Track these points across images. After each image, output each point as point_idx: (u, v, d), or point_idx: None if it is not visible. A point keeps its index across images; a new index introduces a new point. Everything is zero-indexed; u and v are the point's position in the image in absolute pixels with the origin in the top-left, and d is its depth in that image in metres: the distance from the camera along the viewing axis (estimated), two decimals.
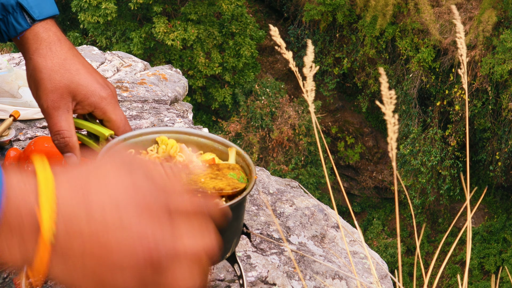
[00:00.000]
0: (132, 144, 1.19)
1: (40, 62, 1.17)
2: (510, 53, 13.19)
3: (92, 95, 1.18)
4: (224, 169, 1.16)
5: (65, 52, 1.19)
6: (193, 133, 1.23)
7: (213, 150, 1.22)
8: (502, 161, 14.38)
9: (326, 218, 1.60)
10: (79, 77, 1.18)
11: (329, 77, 16.23)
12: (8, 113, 1.83)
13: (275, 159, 14.69)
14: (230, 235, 1.11)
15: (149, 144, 1.20)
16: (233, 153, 1.20)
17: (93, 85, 1.19)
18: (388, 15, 14.43)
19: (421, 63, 14.38)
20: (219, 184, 1.11)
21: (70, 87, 1.17)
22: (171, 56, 14.83)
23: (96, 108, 1.19)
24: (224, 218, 0.69)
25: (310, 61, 1.07)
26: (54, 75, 1.17)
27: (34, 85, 1.18)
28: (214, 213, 0.67)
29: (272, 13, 17.86)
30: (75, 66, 1.19)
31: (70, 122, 1.18)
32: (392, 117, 0.81)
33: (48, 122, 1.17)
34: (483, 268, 14.08)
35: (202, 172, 1.14)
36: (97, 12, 13.77)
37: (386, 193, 16.15)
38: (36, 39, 1.19)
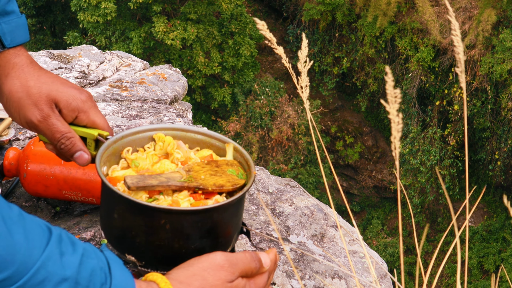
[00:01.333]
0: (129, 141, 1.19)
1: (15, 83, 1.19)
2: (509, 52, 13.19)
3: (74, 99, 1.20)
4: (223, 165, 1.16)
5: (37, 70, 1.22)
6: (189, 130, 1.23)
7: (210, 146, 1.23)
8: (502, 161, 14.38)
9: (326, 217, 1.60)
10: (57, 86, 1.20)
11: (329, 77, 16.22)
12: None
13: (274, 159, 14.69)
14: (230, 231, 1.11)
15: (146, 141, 1.21)
16: (231, 149, 1.20)
17: (72, 91, 1.21)
18: (389, 14, 14.43)
19: (421, 63, 14.37)
20: (219, 180, 1.11)
21: (50, 95, 1.19)
22: (170, 55, 14.82)
23: (80, 112, 1.20)
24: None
25: (304, 56, 1.07)
26: (32, 90, 1.18)
27: (15, 107, 1.19)
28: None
29: (271, 13, 17.85)
30: (50, 79, 1.21)
31: (66, 125, 1.19)
32: (396, 116, 0.81)
33: (46, 132, 1.18)
34: (483, 267, 14.08)
35: (201, 168, 1.14)
36: (97, 12, 13.76)
37: (386, 193, 16.15)
38: (8, 64, 1.20)
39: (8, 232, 0.87)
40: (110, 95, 2.20)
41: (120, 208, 1.06)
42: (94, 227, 1.45)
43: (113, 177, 1.13)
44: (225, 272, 1.03)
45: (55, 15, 16.70)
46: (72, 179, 1.42)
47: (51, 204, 1.54)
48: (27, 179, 1.43)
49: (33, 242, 0.89)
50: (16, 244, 0.87)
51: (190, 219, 1.05)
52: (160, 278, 0.99)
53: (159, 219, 1.03)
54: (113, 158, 1.17)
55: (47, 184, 1.43)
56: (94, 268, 0.94)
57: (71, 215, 1.51)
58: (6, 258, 0.86)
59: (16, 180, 1.58)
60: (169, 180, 1.10)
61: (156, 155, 1.19)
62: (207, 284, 1.01)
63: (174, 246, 1.05)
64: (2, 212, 0.88)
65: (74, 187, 1.42)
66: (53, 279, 0.89)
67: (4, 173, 1.50)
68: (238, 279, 1.04)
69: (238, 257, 1.05)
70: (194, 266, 1.02)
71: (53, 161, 1.43)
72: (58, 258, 0.91)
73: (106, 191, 1.10)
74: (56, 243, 0.92)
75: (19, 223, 0.90)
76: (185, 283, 1.00)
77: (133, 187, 1.07)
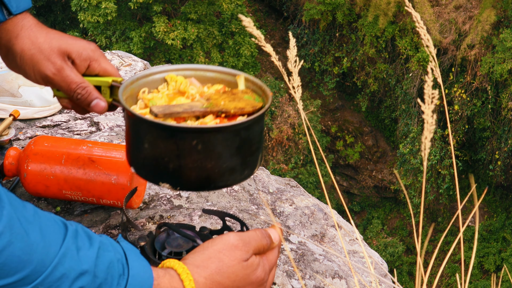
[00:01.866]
0: (143, 83, 1.22)
1: (26, 42, 1.22)
2: (509, 52, 13.18)
3: (84, 49, 1.23)
4: (238, 93, 1.19)
5: (45, 28, 1.25)
6: (199, 68, 1.25)
7: (221, 81, 1.24)
8: (502, 160, 14.38)
9: (326, 217, 1.60)
10: (66, 40, 1.23)
11: (329, 76, 16.22)
12: (8, 112, 1.83)
13: (274, 158, 14.69)
14: (256, 149, 1.14)
15: (159, 83, 1.24)
16: (242, 80, 1.22)
17: (80, 42, 1.24)
18: (389, 14, 14.43)
19: (421, 63, 14.37)
20: (239, 104, 1.14)
21: (61, 48, 1.22)
22: (170, 55, 14.83)
23: (92, 60, 1.23)
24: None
25: (293, 56, 1.08)
26: (43, 46, 1.21)
27: (28, 64, 1.22)
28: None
29: (272, 13, 17.85)
30: (58, 34, 1.24)
31: (80, 75, 1.22)
32: (431, 116, 0.82)
33: (62, 85, 1.21)
34: (483, 267, 14.08)
35: (219, 96, 1.17)
36: (97, 12, 13.76)
37: (386, 193, 16.15)
38: (16, 27, 1.23)
39: (25, 232, 0.88)
40: None
41: (151, 136, 1.08)
42: (94, 227, 1.45)
43: None
44: (240, 252, 1.05)
45: (56, 15, 16.71)
46: (72, 179, 1.42)
47: (52, 204, 1.54)
48: (27, 179, 1.44)
49: (49, 240, 0.90)
50: (33, 244, 0.88)
51: (220, 137, 1.06)
52: (178, 264, 1.01)
53: (191, 140, 1.05)
54: (130, 100, 1.19)
55: (48, 184, 1.43)
56: (112, 260, 0.95)
57: (71, 215, 1.51)
58: (24, 258, 0.87)
59: (16, 180, 1.58)
60: (193, 107, 1.13)
61: (170, 94, 1.21)
62: (223, 265, 1.03)
63: (207, 167, 1.07)
64: (17, 213, 0.89)
65: (75, 187, 1.43)
66: (71, 274, 0.90)
67: (4, 173, 1.50)
68: (253, 257, 1.06)
69: (250, 235, 1.07)
70: (209, 249, 1.04)
71: (54, 161, 1.43)
72: (75, 254, 0.92)
73: (135, 123, 1.12)
74: (73, 239, 0.93)
75: (34, 222, 0.90)
76: (202, 267, 1.02)
77: (160, 114, 1.09)
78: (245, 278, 1.04)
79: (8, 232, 0.86)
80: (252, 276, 1.05)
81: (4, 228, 0.85)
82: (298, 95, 1.06)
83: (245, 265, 1.04)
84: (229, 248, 1.04)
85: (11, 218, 0.87)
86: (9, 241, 0.86)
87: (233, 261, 1.03)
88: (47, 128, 1.86)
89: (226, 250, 1.04)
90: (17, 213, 0.89)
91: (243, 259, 1.04)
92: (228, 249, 1.04)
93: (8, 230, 0.86)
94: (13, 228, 0.87)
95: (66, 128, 1.88)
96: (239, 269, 1.04)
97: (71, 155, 1.42)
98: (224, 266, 1.03)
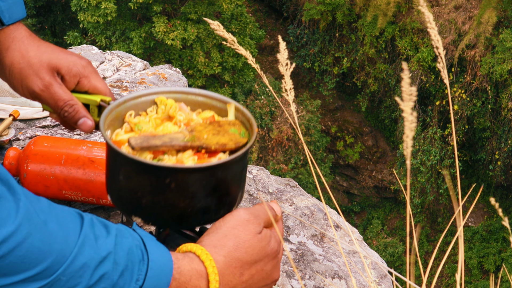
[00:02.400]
0: (131, 106, 1.20)
1: (15, 55, 1.20)
2: (509, 52, 13.18)
3: (74, 65, 1.21)
4: (225, 125, 1.17)
5: (37, 41, 1.23)
6: (190, 92, 1.23)
7: (212, 107, 1.23)
8: (502, 161, 14.38)
9: (326, 217, 1.60)
10: (57, 54, 1.21)
11: (329, 77, 16.22)
12: (8, 112, 1.83)
13: (274, 159, 14.69)
14: (234, 189, 1.12)
15: (148, 105, 1.21)
16: (232, 109, 1.21)
17: (72, 57, 1.22)
18: (389, 14, 14.43)
19: (421, 63, 14.37)
20: (222, 139, 1.12)
21: (51, 63, 1.20)
22: (170, 55, 14.82)
23: (82, 77, 1.22)
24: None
25: (284, 59, 1.07)
26: (33, 60, 1.20)
27: (17, 78, 1.21)
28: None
29: (271, 13, 17.85)
30: (50, 48, 1.23)
31: (69, 92, 1.20)
32: (410, 114, 0.81)
33: (49, 101, 1.19)
34: (483, 267, 14.08)
35: (204, 128, 1.15)
36: (97, 12, 13.76)
37: (386, 193, 16.14)
38: (8, 38, 1.22)
39: (43, 223, 0.88)
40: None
41: (126, 169, 1.07)
42: None
43: (117, 141, 1.14)
44: (253, 225, 1.05)
45: (56, 15, 16.70)
46: (72, 179, 1.42)
47: None
48: (27, 179, 1.44)
49: (67, 230, 0.90)
50: (51, 234, 0.88)
51: (195, 177, 1.05)
52: (195, 247, 1.01)
53: (164, 178, 1.03)
54: (116, 122, 1.17)
55: (47, 184, 1.43)
56: (130, 246, 0.95)
57: None
58: (44, 249, 0.87)
59: (16, 181, 1.58)
60: (173, 140, 1.11)
61: (159, 118, 1.19)
62: (240, 240, 1.03)
63: (180, 205, 1.05)
64: (33, 205, 0.89)
65: (74, 187, 1.43)
66: (92, 263, 0.90)
67: None
68: (264, 230, 1.07)
69: (258, 209, 1.08)
70: (223, 228, 1.04)
71: (53, 161, 1.43)
72: (94, 242, 0.91)
73: (111, 154, 1.10)
74: (90, 228, 0.93)
75: (51, 213, 0.90)
76: (220, 246, 1.02)
77: (137, 147, 1.07)
78: (262, 250, 1.05)
79: (26, 223, 0.85)
80: (267, 248, 1.06)
81: (22, 220, 0.85)
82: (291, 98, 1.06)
83: (260, 237, 1.05)
84: (242, 223, 1.04)
85: (28, 209, 0.87)
86: (28, 232, 0.85)
87: (248, 235, 1.04)
88: (46, 128, 1.86)
89: (240, 226, 1.04)
90: (33, 205, 0.89)
91: (257, 231, 1.05)
92: (241, 225, 1.04)
93: (27, 222, 0.86)
94: (31, 219, 0.86)
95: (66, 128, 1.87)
96: (255, 242, 1.04)
97: (70, 155, 1.42)
98: (240, 241, 1.03)
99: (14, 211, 0.85)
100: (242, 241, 1.03)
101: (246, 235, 1.04)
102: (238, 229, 1.04)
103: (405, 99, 0.81)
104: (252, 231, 1.04)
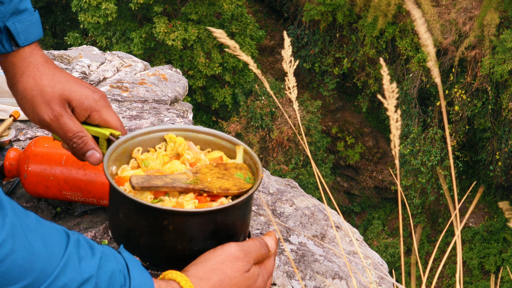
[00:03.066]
0: (140, 141, 1.20)
1: (29, 82, 1.20)
2: (510, 53, 13.18)
3: (86, 98, 1.21)
4: (231, 168, 1.16)
5: (52, 69, 1.23)
6: (201, 131, 1.23)
7: (221, 148, 1.23)
8: (502, 161, 14.37)
9: (326, 218, 1.60)
10: (70, 86, 1.21)
11: (329, 77, 16.22)
12: (8, 113, 1.83)
13: (275, 159, 14.69)
14: (235, 233, 1.11)
15: (157, 141, 1.21)
16: (241, 151, 1.20)
17: (85, 90, 1.22)
18: (389, 15, 14.42)
19: (421, 63, 14.37)
20: (225, 184, 1.11)
21: (63, 95, 1.20)
22: (171, 56, 14.83)
23: (93, 111, 1.21)
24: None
25: (288, 55, 1.06)
26: (46, 89, 1.20)
27: (29, 105, 1.21)
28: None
29: (272, 13, 17.85)
30: (64, 78, 1.22)
31: (78, 124, 1.20)
32: (394, 112, 0.81)
33: (59, 132, 1.19)
34: (483, 268, 14.07)
35: (209, 170, 1.14)
36: (97, 13, 13.76)
37: (386, 193, 16.14)
38: (23, 63, 1.22)
39: (27, 241, 0.87)
40: (110, 96, 2.20)
41: (125, 207, 1.07)
42: (94, 228, 1.45)
43: (122, 177, 1.14)
44: (241, 263, 1.04)
45: (56, 16, 16.70)
46: (72, 179, 1.42)
47: (52, 204, 1.54)
48: (27, 180, 1.44)
49: (52, 249, 0.90)
50: (35, 252, 0.87)
51: (193, 220, 1.04)
52: (180, 277, 1.00)
53: (162, 220, 1.03)
54: (123, 158, 1.17)
55: (48, 185, 1.43)
56: (113, 270, 0.94)
57: (71, 215, 1.51)
58: (26, 267, 0.86)
59: (16, 181, 1.58)
60: (175, 181, 1.10)
61: (167, 155, 1.19)
62: (226, 277, 1.02)
63: (177, 248, 1.05)
64: (20, 221, 0.88)
65: (75, 187, 1.42)
66: (73, 285, 0.90)
67: (5, 174, 1.50)
68: (253, 267, 1.06)
69: (249, 245, 1.07)
70: (211, 261, 1.04)
71: (54, 161, 1.43)
72: (77, 263, 0.91)
73: (112, 191, 1.10)
74: (75, 248, 0.92)
75: (37, 230, 0.90)
76: (205, 279, 1.01)
77: (138, 187, 1.07)
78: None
79: (10, 240, 0.85)
80: (253, 287, 1.05)
81: (6, 236, 0.85)
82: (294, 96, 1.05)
83: (247, 276, 1.04)
84: (231, 259, 1.04)
85: (14, 226, 0.86)
86: (11, 249, 0.85)
87: (235, 273, 1.03)
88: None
89: (228, 262, 1.04)
90: (20, 221, 0.88)
91: (245, 270, 1.04)
92: (230, 260, 1.04)
93: (11, 238, 0.85)
94: (15, 236, 0.86)
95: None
96: (241, 280, 1.04)
97: (71, 156, 1.42)
98: (226, 277, 1.02)
99: (0, 226, 0.85)
100: (228, 278, 1.02)
101: (233, 272, 1.03)
102: (226, 264, 1.03)
103: (388, 97, 0.80)
104: (240, 269, 1.04)
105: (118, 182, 1.12)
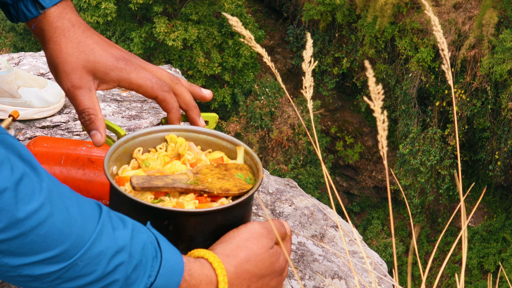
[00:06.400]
0: (141, 142, 1.20)
1: (55, 49, 1.19)
2: (509, 52, 13.19)
3: (111, 69, 1.19)
4: (232, 169, 1.16)
5: (78, 35, 1.20)
6: (202, 131, 1.23)
7: (222, 148, 1.23)
8: (502, 161, 14.38)
9: (326, 217, 1.60)
10: (94, 56, 1.19)
11: (329, 77, 16.23)
12: (8, 113, 1.83)
13: (274, 159, 14.70)
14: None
15: (158, 142, 1.21)
16: (242, 152, 1.21)
17: (109, 60, 1.20)
18: (388, 15, 14.43)
19: (421, 63, 14.38)
20: (226, 184, 1.12)
21: (87, 66, 1.19)
22: (170, 56, 14.83)
23: (121, 81, 1.20)
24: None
25: (309, 56, 1.06)
26: (69, 58, 1.18)
27: (53, 71, 1.21)
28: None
29: (271, 13, 17.86)
30: (89, 46, 1.20)
31: (94, 101, 1.19)
32: (381, 113, 0.80)
33: (73, 103, 1.20)
34: (483, 267, 14.08)
35: (209, 171, 1.15)
36: (97, 12, 13.76)
37: (386, 193, 16.15)
38: (50, 28, 1.20)
39: (64, 206, 0.89)
40: (110, 96, 2.20)
41: (125, 207, 1.07)
42: None
43: (122, 177, 1.14)
44: (266, 239, 1.06)
45: None
46: (72, 179, 1.42)
47: None
48: None
49: (87, 216, 0.91)
50: (72, 217, 0.89)
51: (193, 220, 1.05)
52: (208, 254, 1.02)
53: (162, 220, 1.04)
54: (124, 158, 1.18)
55: None
56: (145, 242, 0.95)
57: None
58: (64, 230, 0.88)
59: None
60: (175, 182, 1.10)
61: (167, 155, 1.19)
62: (252, 253, 1.04)
63: (178, 248, 1.05)
64: (56, 187, 0.90)
65: (74, 187, 1.42)
66: (108, 252, 0.91)
67: None
68: (275, 246, 1.08)
69: (271, 224, 1.09)
70: (237, 238, 1.05)
71: (53, 161, 1.43)
72: (111, 232, 0.92)
73: (113, 191, 1.11)
74: (108, 217, 0.94)
75: (72, 198, 0.92)
76: (232, 256, 1.03)
77: (138, 187, 1.07)
78: (270, 266, 1.06)
79: (48, 204, 0.86)
80: (276, 264, 1.07)
81: (45, 199, 0.86)
82: (309, 95, 1.05)
83: (271, 253, 1.06)
84: (256, 237, 1.05)
85: (51, 190, 0.88)
86: (50, 212, 0.86)
87: (261, 249, 1.05)
88: (46, 129, 1.86)
89: (253, 239, 1.05)
90: (56, 187, 0.90)
91: (269, 246, 1.06)
92: (255, 238, 1.05)
93: (49, 201, 0.87)
94: (53, 200, 0.87)
95: (65, 128, 1.87)
96: (266, 257, 1.05)
97: (70, 156, 1.42)
98: (252, 254, 1.04)
99: (38, 190, 0.86)
100: (254, 254, 1.04)
101: (259, 249, 1.05)
102: (251, 241, 1.05)
103: (374, 99, 0.80)
104: (265, 246, 1.05)
105: (118, 182, 1.12)
